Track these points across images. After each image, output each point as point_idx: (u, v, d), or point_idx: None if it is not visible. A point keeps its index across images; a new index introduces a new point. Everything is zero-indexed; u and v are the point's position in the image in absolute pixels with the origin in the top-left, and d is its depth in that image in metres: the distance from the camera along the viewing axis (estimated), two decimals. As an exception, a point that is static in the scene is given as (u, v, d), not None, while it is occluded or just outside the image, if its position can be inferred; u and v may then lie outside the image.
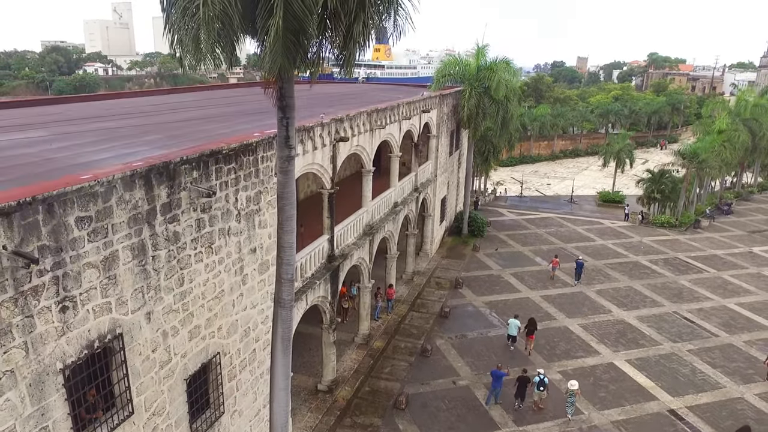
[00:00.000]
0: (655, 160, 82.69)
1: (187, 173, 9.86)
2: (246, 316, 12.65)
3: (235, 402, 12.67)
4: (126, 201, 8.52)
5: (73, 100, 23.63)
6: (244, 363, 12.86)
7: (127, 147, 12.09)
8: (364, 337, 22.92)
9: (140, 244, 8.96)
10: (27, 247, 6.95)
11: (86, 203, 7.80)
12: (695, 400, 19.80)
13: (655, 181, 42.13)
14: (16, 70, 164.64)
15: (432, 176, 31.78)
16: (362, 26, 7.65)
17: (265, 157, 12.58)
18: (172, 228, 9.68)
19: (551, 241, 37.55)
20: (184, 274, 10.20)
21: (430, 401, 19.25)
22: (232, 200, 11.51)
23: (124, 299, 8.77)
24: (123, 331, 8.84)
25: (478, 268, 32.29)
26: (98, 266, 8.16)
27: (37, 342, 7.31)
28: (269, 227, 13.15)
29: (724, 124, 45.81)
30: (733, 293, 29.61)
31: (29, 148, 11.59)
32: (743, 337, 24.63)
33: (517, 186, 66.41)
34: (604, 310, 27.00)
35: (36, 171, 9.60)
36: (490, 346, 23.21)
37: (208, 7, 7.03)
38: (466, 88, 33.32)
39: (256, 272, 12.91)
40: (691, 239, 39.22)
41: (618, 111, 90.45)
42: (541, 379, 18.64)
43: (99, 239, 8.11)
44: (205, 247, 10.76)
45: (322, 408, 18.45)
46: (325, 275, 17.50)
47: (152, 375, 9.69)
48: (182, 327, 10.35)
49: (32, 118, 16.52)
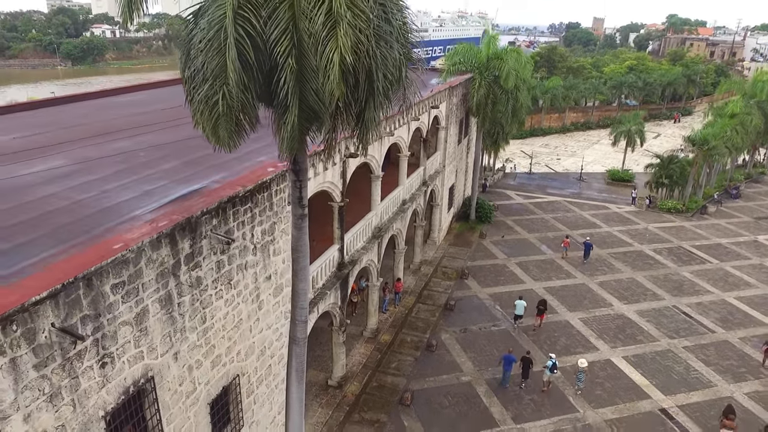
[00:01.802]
0: (667, 134, 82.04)
1: (207, 222, 10.62)
2: (262, 338, 13.61)
3: (253, 414, 13.78)
4: (153, 260, 9.32)
5: (74, 99, 23.77)
6: (261, 378, 13.91)
7: (147, 181, 12.78)
8: (372, 331, 24.02)
9: (167, 295, 9.82)
10: (71, 320, 7.81)
11: (119, 270, 8.61)
12: (686, 398, 20.81)
13: (663, 166, 42.20)
14: (23, 32, 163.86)
15: (440, 167, 32.24)
16: (373, 110, 8.20)
17: (279, 189, 13.26)
18: (194, 274, 10.51)
19: (557, 228, 38.15)
20: (206, 312, 11.10)
21: (433, 397, 20.42)
22: (249, 236, 12.28)
23: (154, 346, 9.69)
24: (154, 373, 9.80)
25: (484, 257, 33.11)
26: (131, 323, 9.05)
27: (82, 397, 8.26)
28: (283, 253, 13.95)
29: (738, 108, 45.37)
30: (733, 286, 30.28)
31: (53, 186, 12.22)
32: (739, 334, 25.45)
33: (527, 161, 66.44)
34: (605, 304, 27.85)
35: (66, 221, 10.35)
36: (493, 341, 24.24)
37: (227, 99, 7.63)
38: (476, 77, 33.37)
39: (271, 296, 13.79)
40: (697, 226, 39.61)
41: (632, 83, 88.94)
42: (553, 363, 20.40)
43: (131, 299, 8.96)
44: (225, 284, 11.61)
45: (332, 403, 19.69)
46: (336, 284, 18.40)
47: (180, 405, 10.71)
48: (205, 359, 11.32)
49: (44, 135, 16.95)
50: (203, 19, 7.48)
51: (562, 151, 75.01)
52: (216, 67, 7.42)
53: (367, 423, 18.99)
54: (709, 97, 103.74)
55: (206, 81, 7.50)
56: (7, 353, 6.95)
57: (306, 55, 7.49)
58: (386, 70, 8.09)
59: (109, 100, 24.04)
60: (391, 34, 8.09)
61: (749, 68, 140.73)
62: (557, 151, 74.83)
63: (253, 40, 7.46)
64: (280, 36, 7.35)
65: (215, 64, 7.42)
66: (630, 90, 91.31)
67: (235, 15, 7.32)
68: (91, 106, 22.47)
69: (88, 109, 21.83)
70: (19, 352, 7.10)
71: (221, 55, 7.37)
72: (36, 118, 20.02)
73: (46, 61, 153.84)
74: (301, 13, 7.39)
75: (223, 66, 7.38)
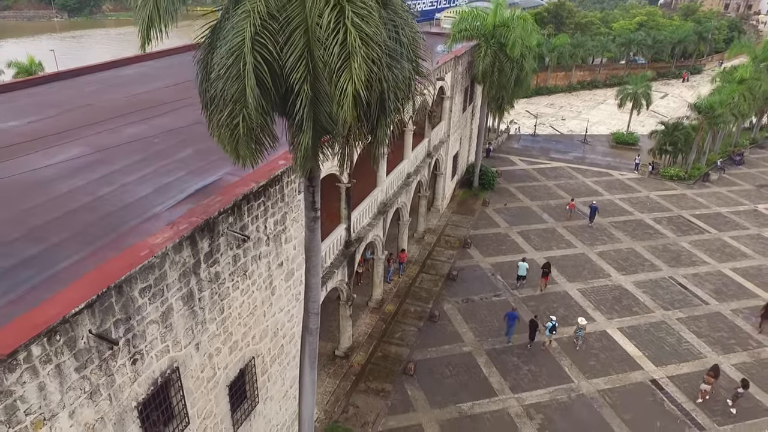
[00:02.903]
0: (675, 95, 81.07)
1: (223, 221, 11.16)
2: (275, 321, 14.40)
3: (267, 391, 14.73)
4: (176, 262, 9.92)
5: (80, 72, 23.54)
6: (274, 358, 14.78)
7: (163, 173, 13.26)
8: (377, 301, 24.95)
9: (189, 292, 10.48)
10: (105, 325, 8.48)
11: (146, 275, 9.22)
12: (677, 369, 21.85)
13: (668, 133, 42.15)
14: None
15: (445, 136, 32.41)
16: (384, 126, 8.59)
17: (290, 181, 13.72)
18: (213, 270, 11.14)
19: (560, 195, 38.59)
20: (224, 303, 11.80)
21: (436, 367, 21.48)
22: (262, 228, 12.84)
23: (178, 339, 10.43)
24: (179, 364, 10.58)
25: (486, 226, 33.74)
26: (158, 321, 9.74)
27: (117, 392, 9.04)
28: (294, 240, 14.54)
29: (747, 73, 44.84)
30: (729, 257, 30.98)
31: (75, 179, 12.73)
32: (731, 305, 26.32)
33: (531, 121, 66.04)
34: (603, 274, 28.65)
35: (92, 219, 10.91)
36: (494, 311, 25.17)
37: (247, 121, 8.03)
38: (481, 45, 33.06)
39: (283, 281, 14.48)
40: (698, 194, 40.00)
41: (641, 41, 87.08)
42: (552, 324, 22.09)
43: (157, 300, 9.61)
44: (240, 275, 12.26)
45: (340, 373, 20.77)
46: (343, 262, 19.09)
47: (202, 389, 11.57)
48: (223, 346, 12.10)
49: (57, 118, 17.20)
50: (222, 47, 7.76)
51: (567, 111, 74.40)
52: (236, 93, 7.78)
53: (373, 392, 20.10)
54: (720, 54, 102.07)
55: (226, 106, 7.86)
56: (53, 360, 7.65)
57: (320, 79, 7.84)
58: (397, 88, 8.43)
59: (115, 74, 24.09)
60: (402, 54, 8.38)
61: (765, 22, 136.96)
62: (562, 111, 74.22)
63: (270, 65, 7.79)
64: (295, 63, 7.67)
65: (235, 90, 7.78)
66: (639, 48, 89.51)
67: (253, 42, 7.62)
68: (98, 82, 22.56)
69: (95, 85, 21.94)
70: (62, 358, 7.80)
71: (240, 81, 7.71)
72: (44, 96, 20.21)
73: (42, 12, 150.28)
74: (315, 40, 7.69)
75: (242, 91, 7.74)
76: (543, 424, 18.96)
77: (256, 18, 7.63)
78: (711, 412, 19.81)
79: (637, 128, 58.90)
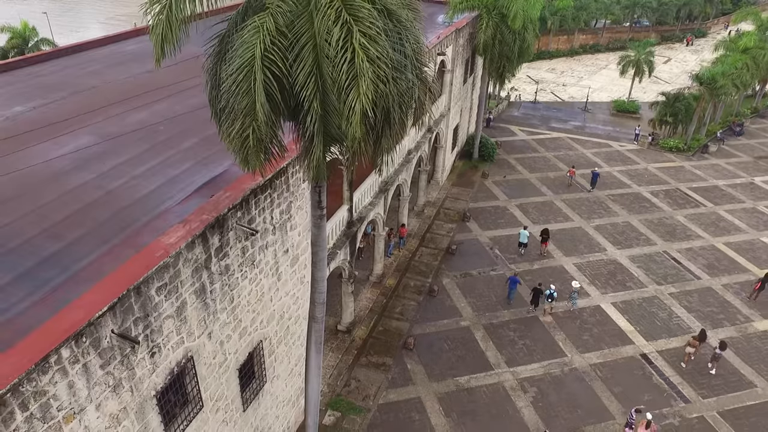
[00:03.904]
0: (678, 59, 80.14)
1: (232, 216, 11.56)
2: (281, 305, 14.99)
3: (274, 370, 15.47)
4: (189, 260, 10.38)
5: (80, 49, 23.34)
6: (280, 340, 15.45)
7: (170, 164, 13.58)
8: (378, 276, 25.60)
9: (201, 286, 10.98)
10: (126, 324, 9.01)
11: (162, 275, 9.70)
12: (666, 344, 22.70)
13: (668, 104, 42.05)
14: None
15: (445, 110, 32.42)
16: (389, 137, 8.91)
17: (294, 171, 14.05)
18: (223, 263, 11.62)
19: (559, 168, 38.86)
20: (234, 293, 12.33)
21: (434, 342, 22.30)
22: (269, 219, 13.26)
23: (192, 330, 11.00)
24: (193, 353, 11.19)
25: (485, 198, 34.16)
26: (173, 315, 10.28)
27: (138, 383, 9.66)
28: (299, 227, 14.99)
29: (752, 42, 44.36)
30: (723, 231, 31.56)
31: (85, 172, 13.00)
32: (723, 280, 27.05)
33: (533, 87, 65.51)
34: (599, 249, 29.27)
35: (105, 215, 11.31)
36: (491, 286, 25.88)
37: (257, 133, 8.34)
38: (483, 17, 32.68)
39: (289, 266, 15.00)
40: (696, 166, 40.28)
41: (645, 3, 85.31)
42: (551, 293, 23.44)
43: (172, 296, 10.12)
44: (249, 265, 12.76)
45: (342, 348, 21.59)
46: (345, 243, 19.60)
47: (214, 374, 12.24)
48: (234, 332, 12.71)
49: (61, 103, 17.26)
50: (232, 62, 7.99)
51: (568, 76, 73.63)
52: (246, 107, 8.06)
53: (374, 366, 20.95)
54: (727, 17, 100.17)
55: (237, 119, 8.15)
56: (80, 360, 8.20)
57: (329, 94, 8.11)
58: (402, 100, 8.71)
59: (115, 50, 24.00)
60: (406, 67, 8.62)
61: None
62: (564, 76, 73.45)
63: (279, 81, 8.05)
64: (305, 80, 7.93)
65: (245, 104, 8.05)
66: (643, 10, 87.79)
67: (263, 59, 7.86)
68: (99, 60, 22.49)
69: (97, 64, 21.87)
70: (88, 358, 8.36)
71: (250, 96, 7.98)
72: (47, 77, 20.23)
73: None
74: (324, 56, 7.92)
75: (252, 106, 8.02)
76: (536, 397, 19.90)
77: (265, 35, 7.84)
78: (697, 385, 20.76)
79: (638, 95, 58.58)
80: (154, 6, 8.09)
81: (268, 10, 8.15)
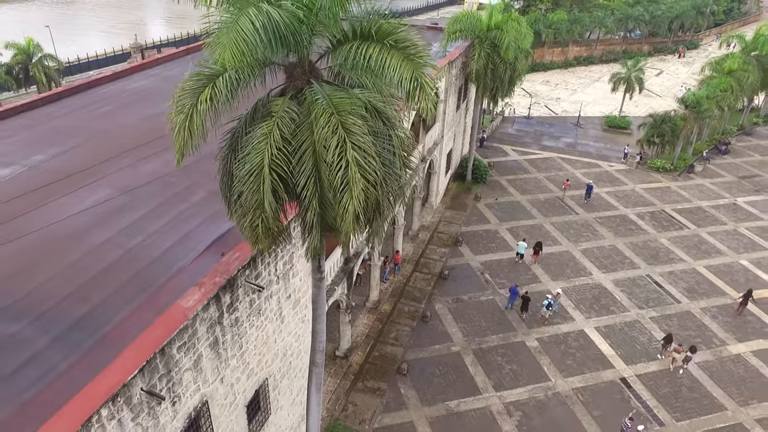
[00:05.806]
0: (670, 71, 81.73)
1: (241, 275, 13.00)
2: (284, 344, 16.42)
3: (278, 402, 16.89)
4: (204, 319, 11.82)
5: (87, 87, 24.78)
6: (283, 375, 16.88)
7: (183, 219, 15.00)
8: (373, 302, 27.04)
9: (214, 339, 12.42)
10: (152, 381, 10.44)
11: (182, 335, 11.13)
12: (645, 368, 24.16)
13: (656, 126, 43.54)
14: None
15: (439, 137, 33.87)
16: (380, 223, 10.35)
17: (296, 225, 15.47)
18: (233, 317, 13.05)
19: (549, 189, 40.33)
20: (242, 341, 13.76)
21: (427, 367, 23.73)
22: (273, 271, 14.69)
23: (206, 378, 12.43)
24: (208, 397, 12.62)
25: (478, 222, 35.61)
26: (191, 368, 11.71)
27: (161, 429, 11.08)
28: (300, 272, 16.43)
29: (736, 65, 45.88)
30: (704, 254, 33.03)
31: (105, 229, 14.32)
32: (701, 304, 28.51)
33: (527, 100, 67.02)
34: (585, 273, 30.72)
35: (126, 276, 12.71)
36: (482, 311, 27.33)
37: (265, 223, 9.78)
38: (476, 47, 34.16)
39: (291, 309, 16.44)
40: (682, 187, 41.76)
41: (638, 17, 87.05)
42: (548, 302, 26.33)
43: (191, 352, 11.56)
44: (255, 314, 14.19)
45: (340, 373, 23.02)
46: (343, 279, 21.03)
47: (225, 413, 13.66)
48: (242, 374, 14.14)
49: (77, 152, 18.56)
50: (243, 164, 9.42)
51: (562, 89, 75.17)
52: (255, 203, 9.51)
53: (370, 391, 22.38)
54: (719, 28, 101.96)
55: (248, 213, 9.60)
56: (116, 416, 9.63)
57: (326, 191, 9.55)
58: (390, 194, 10.15)
59: (122, 88, 25.37)
60: (395, 164, 10.06)
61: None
62: (558, 89, 74.98)
63: (284, 181, 9.50)
64: (305, 182, 9.37)
65: (254, 201, 9.50)
66: (636, 23, 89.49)
67: (270, 164, 9.30)
68: (109, 99, 23.88)
69: (106, 104, 23.20)
70: (122, 414, 9.79)
71: (260, 194, 9.43)
72: (60, 119, 21.61)
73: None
74: (323, 161, 9.37)
75: (261, 202, 9.47)
76: (521, 421, 21.34)
77: (272, 144, 9.28)
78: (671, 408, 22.22)
79: (630, 109, 60.13)
80: (178, 116, 9.53)
81: (273, 118, 9.58)
